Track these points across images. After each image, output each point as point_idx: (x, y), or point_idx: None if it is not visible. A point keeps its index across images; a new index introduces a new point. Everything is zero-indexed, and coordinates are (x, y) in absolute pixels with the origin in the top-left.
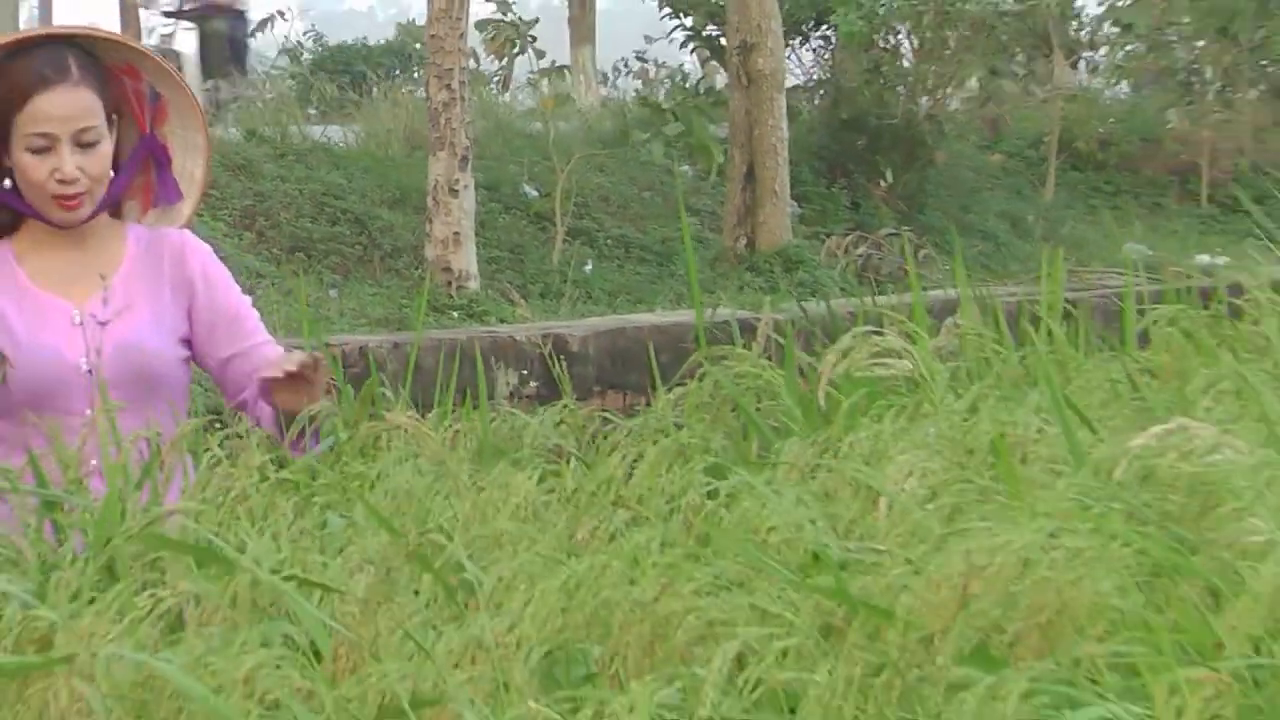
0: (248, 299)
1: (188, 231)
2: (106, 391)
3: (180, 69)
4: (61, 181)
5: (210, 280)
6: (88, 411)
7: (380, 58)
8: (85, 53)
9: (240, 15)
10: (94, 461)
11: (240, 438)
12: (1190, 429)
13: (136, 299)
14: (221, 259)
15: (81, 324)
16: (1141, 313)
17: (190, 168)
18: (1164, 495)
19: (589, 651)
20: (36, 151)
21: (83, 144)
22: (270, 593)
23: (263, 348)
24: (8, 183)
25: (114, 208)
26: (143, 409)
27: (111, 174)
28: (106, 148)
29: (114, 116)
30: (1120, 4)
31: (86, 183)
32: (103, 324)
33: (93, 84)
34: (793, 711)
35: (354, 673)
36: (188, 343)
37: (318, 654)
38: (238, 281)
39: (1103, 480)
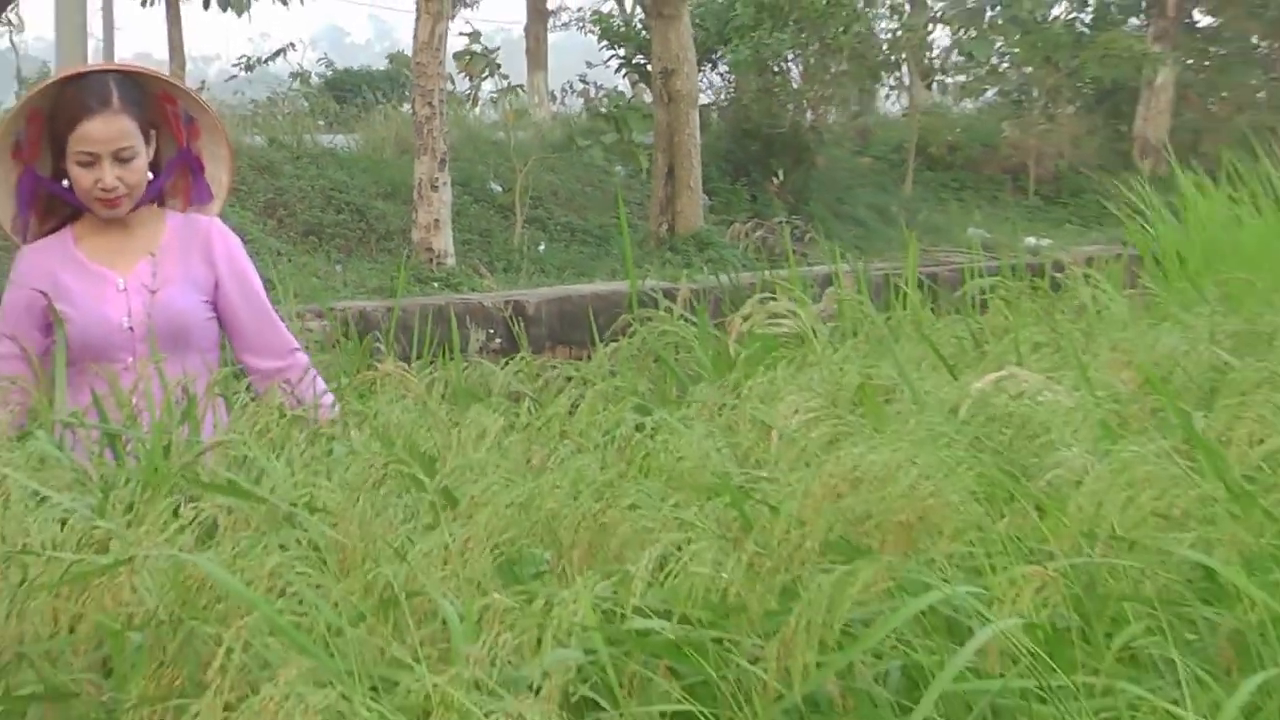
0: (260, 287)
1: (216, 219)
2: (155, 343)
3: None
4: (103, 189)
5: (233, 260)
6: (130, 360)
7: (376, 81)
8: (130, 80)
9: None
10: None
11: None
12: (1019, 376)
13: (173, 269)
14: (249, 241)
15: (125, 290)
16: (982, 284)
17: (218, 174)
18: (999, 429)
19: (541, 554)
20: (83, 165)
21: (121, 159)
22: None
23: (272, 323)
24: (66, 182)
25: (158, 199)
26: (180, 359)
27: (151, 176)
28: (141, 161)
29: (151, 131)
30: (965, 37)
31: (124, 189)
32: (153, 292)
33: (131, 109)
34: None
35: (354, 571)
36: (213, 304)
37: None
38: (263, 258)
39: (949, 416)
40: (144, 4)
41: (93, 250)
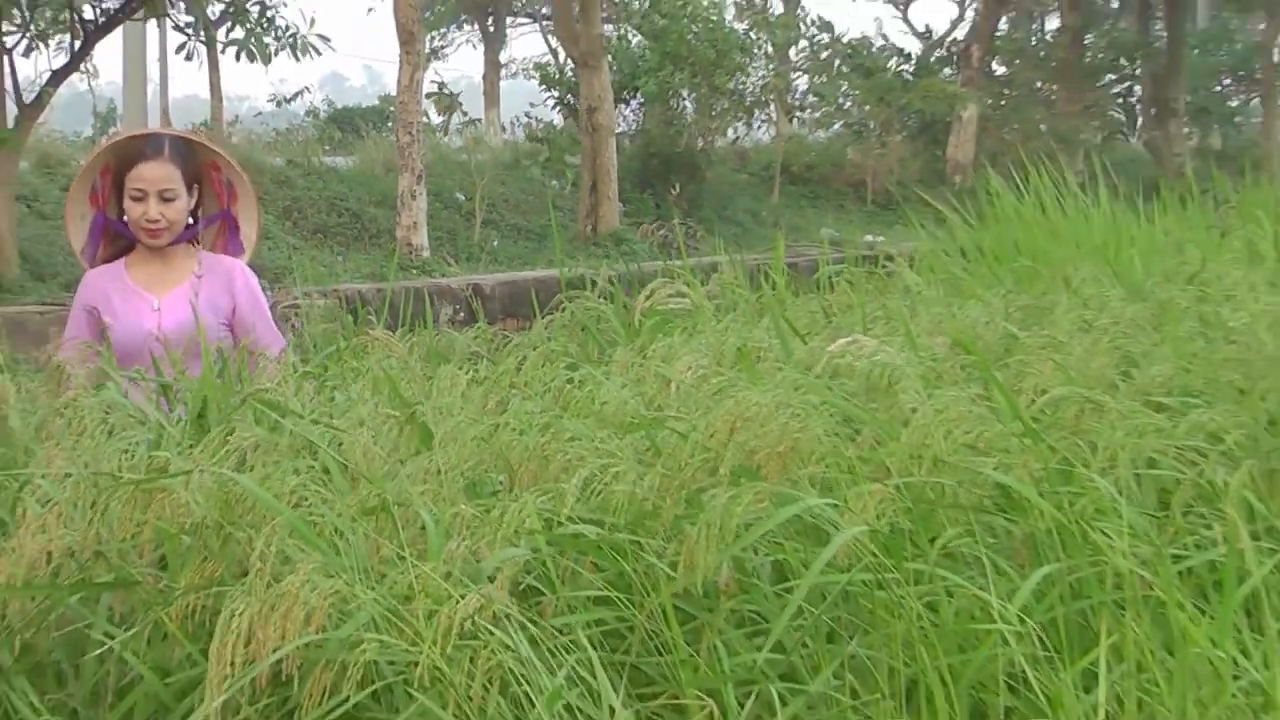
0: (267, 308)
1: (239, 260)
2: (203, 333)
3: None
4: (149, 221)
5: (251, 291)
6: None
7: (368, 115)
8: (181, 140)
9: None
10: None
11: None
12: (860, 341)
13: (201, 294)
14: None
15: (158, 310)
16: (831, 271)
17: (249, 232)
18: (845, 381)
19: (496, 477)
20: (135, 199)
21: (165, 198)
22: (301, 440)
23: (273, 334)
24: (126, 218)
25: (195, 241)
26: (200, 362)
27: (190, 220)
28: (182, 203)
29: (195, 185)
30: (819, 82)
31: (165, 223)
32: (191, 303)
33: (177, 160)
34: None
35: (355, 488)
36: (229, 325)
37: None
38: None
39: (806, 372)
40: (188, 59)
41: (137, 276)
